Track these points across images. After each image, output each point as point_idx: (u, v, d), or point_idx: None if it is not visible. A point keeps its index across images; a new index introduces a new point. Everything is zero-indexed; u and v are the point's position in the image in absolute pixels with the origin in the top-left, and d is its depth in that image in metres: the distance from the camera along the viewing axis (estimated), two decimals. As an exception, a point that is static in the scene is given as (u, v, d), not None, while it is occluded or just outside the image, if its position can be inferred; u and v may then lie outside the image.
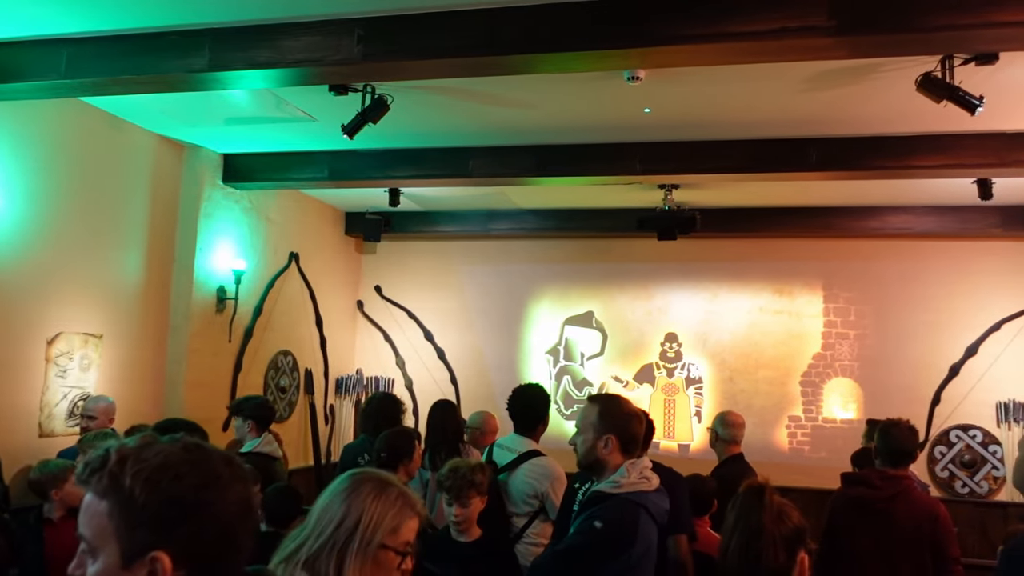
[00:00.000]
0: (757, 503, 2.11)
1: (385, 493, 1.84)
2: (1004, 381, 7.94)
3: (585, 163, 6.40)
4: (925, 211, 7.90)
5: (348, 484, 1.86)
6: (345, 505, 1.81)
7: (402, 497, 1.85)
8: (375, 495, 1.82)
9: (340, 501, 1.82)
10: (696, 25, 3.90)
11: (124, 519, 1.16)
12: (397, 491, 1.86)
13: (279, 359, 8.00)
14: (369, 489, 1.84)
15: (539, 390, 4.45)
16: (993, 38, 3.78)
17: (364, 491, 1.83)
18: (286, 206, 8.09)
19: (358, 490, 1.83)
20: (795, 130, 5.84)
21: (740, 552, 2.07)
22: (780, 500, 2.16)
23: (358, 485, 1.85)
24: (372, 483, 1.86)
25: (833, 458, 7.84)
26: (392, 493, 1.85)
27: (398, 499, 1.84)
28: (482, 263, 9.43)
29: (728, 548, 2.12)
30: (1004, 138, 5.67)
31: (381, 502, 1.82)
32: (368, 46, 4.28)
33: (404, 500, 1.85)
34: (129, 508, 1.16)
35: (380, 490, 1.84)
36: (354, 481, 1.87)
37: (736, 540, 2.10)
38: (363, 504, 1.80)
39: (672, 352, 8.86)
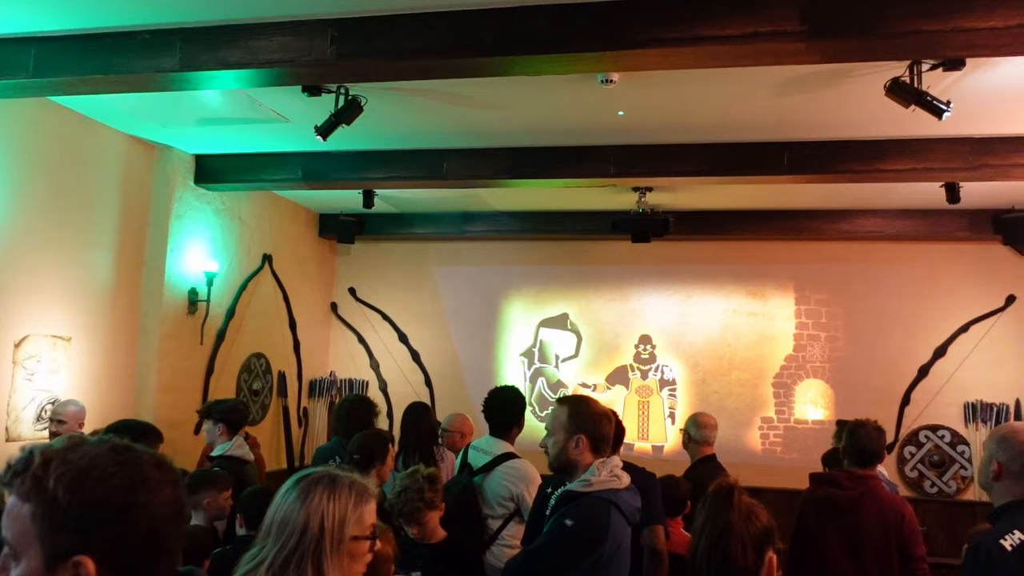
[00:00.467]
0: (726, 503, 2.12)
1: (337, 490, 1.87)
2: (972, 382, 8.06)
3: (560, 165, 6.42)
4: (895, 214, 8.00)
5: (299, 491, 1.87)
6: (304, 512, 1.83)
7: (353, 487, 1.89)
8: (329, 494, 1.85)
9: (297, 509, 1.84)
10: (669, 29, 3.93)
11: (47, 522, 1.13)
12: (347, 483, 1.89)
13: (252, 362, 7.94)
14: (321, 491, 1.86)
15: (514, 392, 4.45)
16: (959, 44, 3.84)
17: (317, 494, 1.85)
18: (259, 207, 8.03)
19: (311, 494, 1.85)
20: (767, 133, 5.89)
21: (709, 552, 2.08)
22: (749, 500, 2.17)
23: (309, 490, 1.86)
24: (322, 484, 1.88)
25: (805, 459, 7.91)
26: (343, 487, 1.88)
27: (351, 490, 1.88)
28: (457, 265, 9.42)
29: (697, 548, 2.13)
30: (971, 143, 5.76)
31: (337, 500, 1.85)
32: (341, 47, 4.27)
33: (357, 489, 1.89)
34: (52, 511, 1.13)
35: (332, 488, 1.87)
36: (303, 487, 1.88)
37: (705, 540, 2.11)
38: (321, 507, 1.83)
39: (646, 354, 8.90)
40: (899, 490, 6.78)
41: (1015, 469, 2.57)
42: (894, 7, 3.75)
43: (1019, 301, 8.06)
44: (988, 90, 4.90)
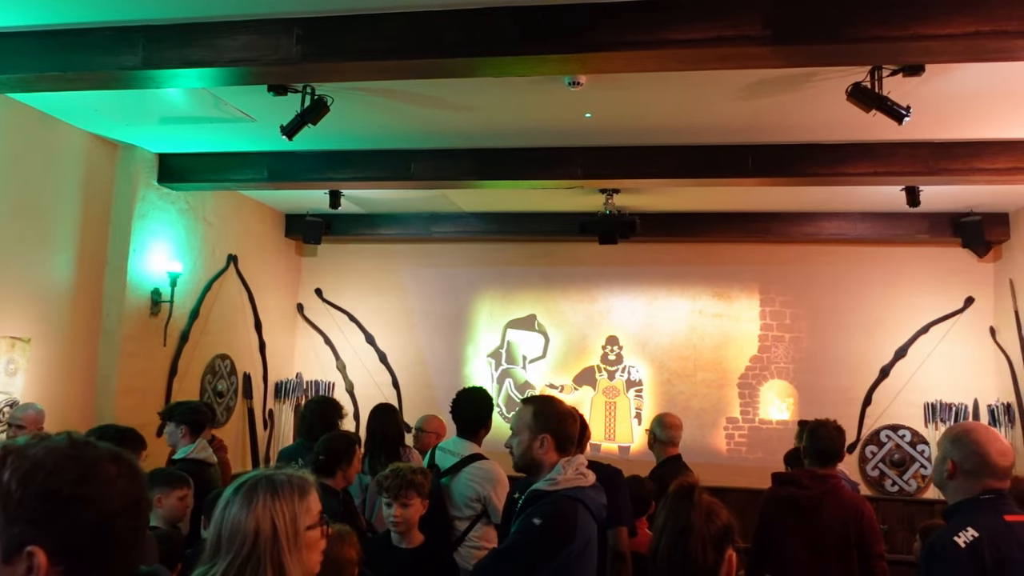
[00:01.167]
0: (687, 502, 2.13)
1: (279, 488, 1.88)
2: (932, 382, 8.21)
3: (527, 167, 6.44)
4: (857, 217, 8.12)
5: (241, 499, 1.88)
6: (252, 518, 1.83)
7: (293, 481, 1.91)
8: (272, 495, 1.86)
9: (244, 517, 1.84)
10: (634, 32, 3.96)
11: (3, 514, 1.16)
12: (286, 479, 1.91)
13: (216, 363, 7.86)
14: (263, 494, 1.87)
15: (482, 393, 4.44)
16: (918, 50, 3.91)
17: (260, 498, 1.86)
18: (224, 207, 7.95)
19: (254, 500, 1.86)
20: (732, 136, 5.95)
21: (669, 550, 2.09)
22: (709, 499, 2.19)
23: (251, 496, 1.87)
24: (261, 487, 1.89)
25: (769, 458, 7.99)
26: (284, 484, 1.89)
27: (291, 487, 1.90)
28: (424, 266, 9.40)
29: (658, 547, 2.14)
30: (931, 147, 5.87)
31: (283, 498, 1.86)
32: (307, 46, 4.24)
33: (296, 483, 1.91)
34: (6, 503, 1.16)
35: (273, 489, 1.88)
36: (244, 494, 1.89)
37: (666, 539, 2.12)
38: (268, 509, 1.84)
39: (613, 355, 8.95)
40: (860, 489, 6.90)
41: (968, 468, 2.62)
42: (855, 14, 3.81)
43: (977, 303, 8.22)
44: (946, 96, 5.00)
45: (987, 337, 8.15)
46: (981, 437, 2.65)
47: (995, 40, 3.70)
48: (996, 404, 7.91)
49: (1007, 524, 2.55)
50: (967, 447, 2.64)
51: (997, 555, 2.47)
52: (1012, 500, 2.69)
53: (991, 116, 5.36)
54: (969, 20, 3.69)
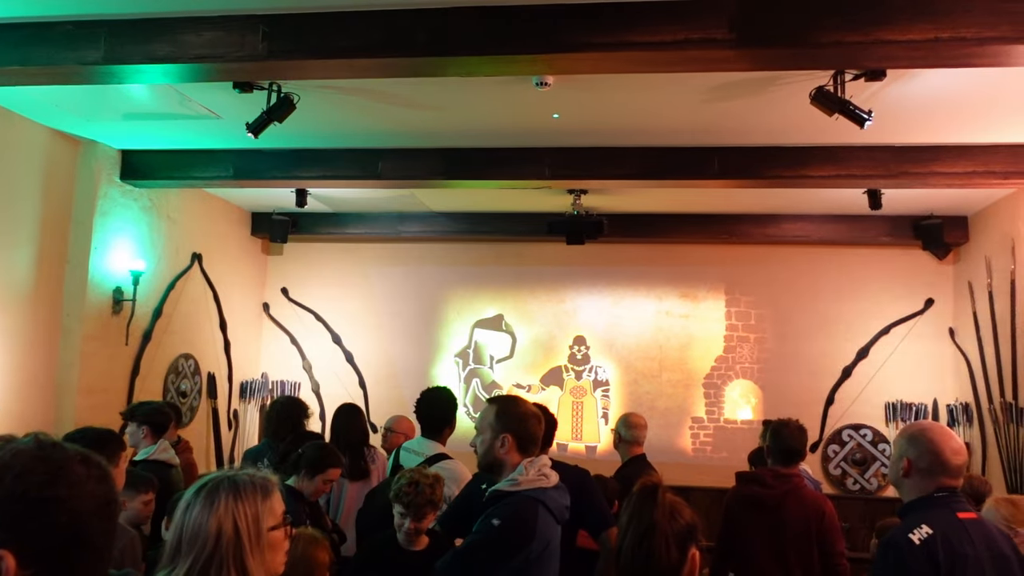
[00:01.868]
0: (650, 501, 2.15)
1: (241, 490, 1.86)
2: (892, 382, 8.34)
3: (495, 167, 6.44)
4: (821, 219, 8.23)
5: (202, 501, 1.85)
6: (213, 519, 1.81)
7: (255, 481, 1.89)
8: (234, 496, 1.84)
9: (205, 519, 1.82)
10: (602, 34, 3.98)
11: None
12: (248, 480, 1.89)
13: (180, 363, 7.76)
14: (225, 495, 1.85)
15: (446, 393, 4.44)
16: (880, 56, 3.97)
17: (222, 499, 1.84)
18: (189, 205, 7.86)
19: (216, 501, 1.84)
20: (698, 139, 6.00)
21: (633, 549, 2.10)
22: (673, 498, 2.21)
23: (212, 497, 1.85)
24: (223, 488, 1.87)
25: (734, 458, 8.08)
26: (245, 486, 1.87)
27: (254, 487, 1.88)
28: (392, 266, 9.37)
29: (622, 545, 2.16)
30: (892, 151, 5.96)
31: (245, 499, 1.84)
32: (273, 43, 4.21)
33: (259, 483, 1.89)
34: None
35: (235, 490, 1.86)
36: (206, 496, 1.86)
37: (630, 537, 2.13)
38: (231, 510, 1.82)
39: (580, 355, 8.98)
40: (823, 487, 6.99)
41: (923, 466, 2.67)
42: (819, 19, 3.86)
43: (937, 304, 8.37)
44: (908, 101, 5.08)
45: (946, 338, 8.30)
46: (936, 436, 2.70)
47: (954, 47, 3.77)
48: (955, 404, 8.06)
49: (960, 521, 2.61)
50: (922, 446, 2.69)
51: (950, 552, 2.52)
52: (965, 498, 2.75)
53: (951, 121, 5.46)
54: (929, 27, 3.75)
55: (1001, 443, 7.18)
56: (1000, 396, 7.21)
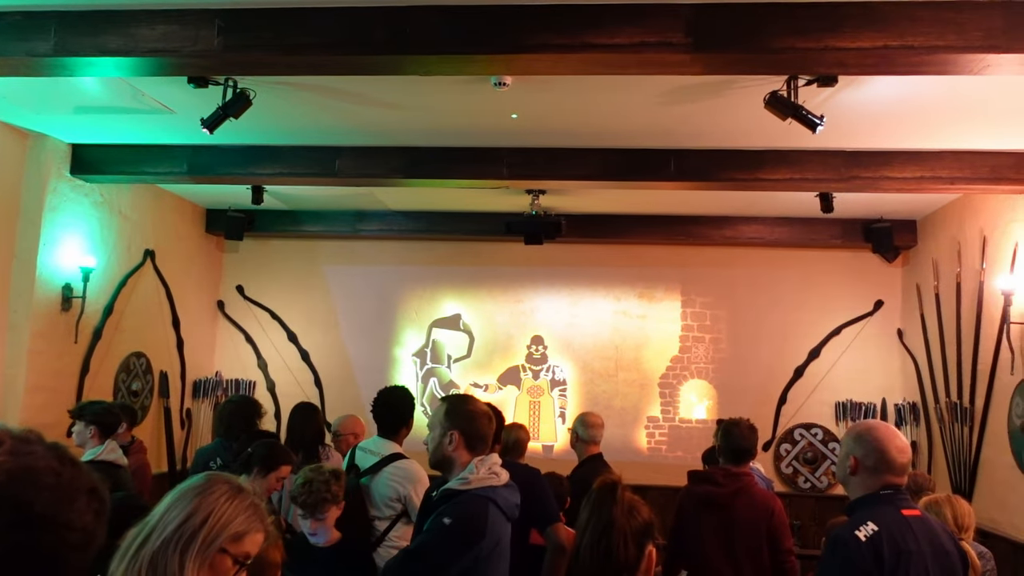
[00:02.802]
0: (609, 499, 2.18)
1: (239, 498, 1.81)
2: (842, 382, 8.51)
3: (454, 166, 6.43)
4: (774, 222, 8.36)
5: (201, 482, 1.83)
6: (195, 502, 1.77)
7: (254, 507, 1.83)
8: (228, 497, 1.79)
9: (190, 498, 1.78)
10: (559, 35, 4.00)
11: None
12: (250, 500, 1.83)
13: (131, 361, 7.63)
14: (223, 491, 1.80)
15: (403, 392, 4.44)
16: (830, 62, 4.05)
17: (216, 491, 1.80)
18: (141, 201, 7.72)
19: (210, 489, 1.80)
20: (655, 141, 6.06)
21: (592, 546, 2.13)
22: (631, 496, 2.24)
23: (211, 485, 1.81)
24: (227, 485, 1.83)
25: (688, 457, 8.18)
26: (245, 500, 1.82)
27: (249, 507, 1.81)
28: (349, 264, 9.31)
29: (581, 542, 2.18)
30: (843, 156, 6.08)
31: (232, 505, 1.78)
32: (229, 38, 4.15)
33: (255, 511, 1.83)
34: None
35: (233, 494, 1.81)
36: (208, 480, 1.83)
37: (589, 534, 2.16)
38: (213, 504, 1.77)
39: (538, 354, 9.02)
40: (774, 486, 7.11)
41: (869, 464, 2.74)
42: (772, 25, 3.93)
43: (886, 306, 8.56)
44: (859, 107, 5.18)
45: (895, 339, 8.49)
46: (881, 435, 2.77)
47: (902, 54, 3.86)
48: (902, 403, 8.26)
49: (904, 518, 2.67)
50: (868, 444, 2.75)
51: (895, 548, 2.59)
52: (909, 495, 2.82)
53: (900, 127, 5.58)
54: (878, 35, 3.84)
55: (946, 442, 7.37)
56: (946, 396, 7.40)
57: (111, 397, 7.21)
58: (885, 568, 2.56)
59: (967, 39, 3.78)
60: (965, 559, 2.80)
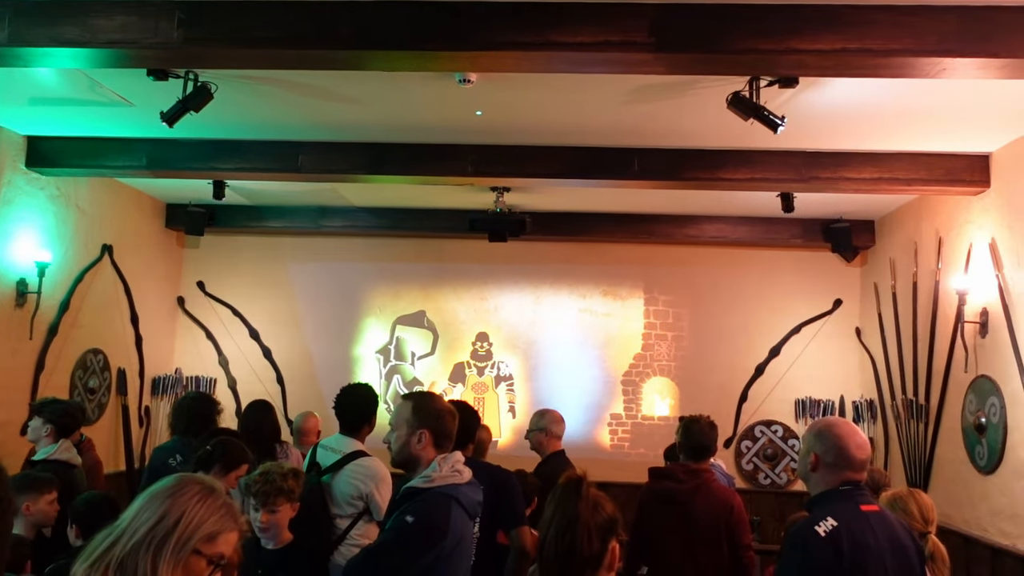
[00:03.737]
0: (575, 494, 2.19)
1: (211, 498, 1.80)
2: (802, 380, 8.63)
3: (418, 163, 6.41)
4: (736, 221, 8.44)
5: (172, 484, 1.81)
6: (167, 504, 1.75)
7: (227, 507, 1.82)
8: (200, 498, 1.78)
9: (162, 500, 1.76)
10: (523, 32, 4.00)
11: None
12: (223, 500, 1.83)
13: (88, 358, 7.49)
14: (195, 491, 1.79)
15: (366, 390, 4.41)
16: (791, 63, 4.11)
17: (189, 492, 1.78)
18: (99, 195, 7.58)
19: (182, 491, 1.78)
20: (619, 139, 6.09)
21: (557, 540, 2.14)
22: (596, 492, 2.26)
23: (183, 486, 1.80)
24: (199, 486, 1.81)
25: (651, 454, 8.23)
26: (218, 500, 1.81)
27: (222, 507, 1.81)
28: (312, 260, 9.23)
29: (546, 537, 2.19)
30: (803, 156, 6.16)
31: (205, 506, 1.77)
32: (189, 30, 4.10)
33: (228, 510, 1.82)
34: None
35: (206, 495, 1.80)
36: (180, 482, 1.82)
37: (554, 529, 2.17)
38: (185, 504, 1.76)
39: (483, 351, 9.03)
40: (736, 482, 7.19)
41: (829, 461, 2.78)
42: (734, 25, 3.97)
43: (845, 305, 8.69)
44: (819, 108, 5.26)
45: (853, 337, 8.63)
46: (841, 431, 2.81)
47: (860, 57, 3.92)
48: (860, 400, 8.39)
49: (863, 513, 2.72)
50: (828, 441, 2.80)
51: (853, 543, 2.63)
52: (868, 490, 2.87)
53: (859, 129, 5.68)
54: (838, 37, 3.90)
55: (902, 438, 7.51)
56: (902, 393, 7.54)
57: (67, 394, 7.07)
58: (844, 563, 2.60)
59: (923, 43, 3.86)
60: (922, 554, 2.85)
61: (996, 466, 5.84)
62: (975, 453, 6.15)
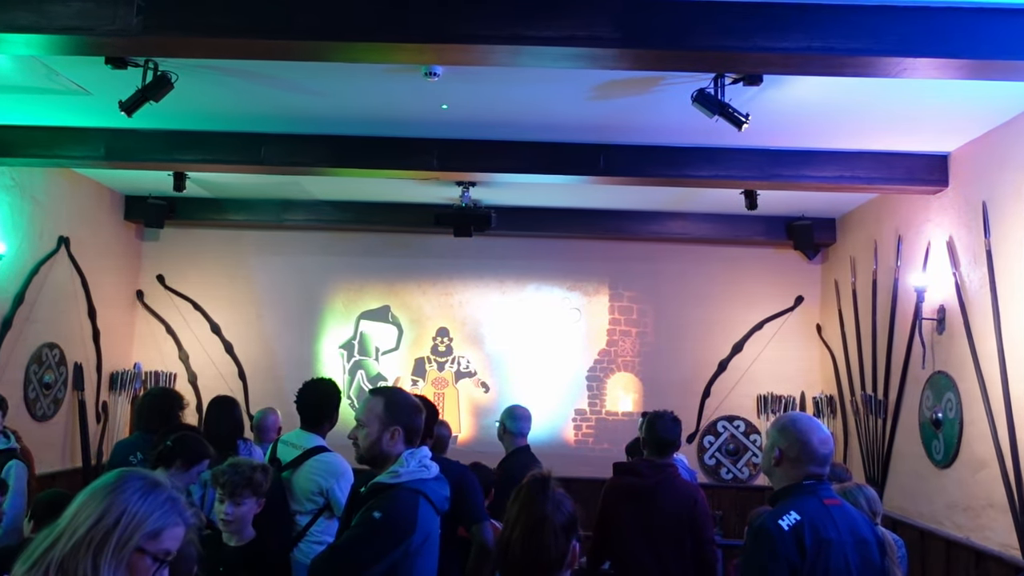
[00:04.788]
0: (542, 494, 2.17)
1: (153, 493, 1.73)
2: (764, 376, 8.72)
3: (383, 156, 6.35)
4: (700, 218, 8.50)
5: (112, 480, 1.74)
6: (107, 501, 1.69)
7: (171, 501, 1.76)
8: (141, 494, 1.72)
9: (102, 497, 1.70)
10: (489, 26, 3.98)
11: None
12: (167, 494, 1.76)
13: (44, 352, 7.33)
14: (136, 487, 1.73)
15: (328, 385, 4.36)
16: (755, 61, 4.13)
17: (129, 489, 1.72)
18: (56, 186, 7.42)
19: (123, 487, 1.72)
20: (586, 135, 6.09)
21: (523, 541, 2.12)
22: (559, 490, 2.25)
23: (124, 482, 1.73)
24: (140, 481, 1.75)
25: (615, 449, 8.23)
26: (161, 495, 1.75)
27: (166, 502, 1.74)
28: (275, 254, 9.13)
29: (511, 537, 2.16)
30: (767, 154, 6.22)
31: (147, 502, 1.71)
32: (148, 18, 4.00)
33: (172, 505, 1.76)
34: None
35: (148, 490, 1.73)
36: (120, 477, 1.75)
37: (520, 530, 2.14)
38: (126, 502, 1.69)
39: (443, 347, 9.01)
40: (698, 477, 7.24)
41: (792, 455, 2.80)
42: (700, 22, 3.98)
43: (806, 302, 8.80)
44: (782, 107, 5.31)
45: (814, 334, 8.74)
46: (804, 426, 2.84)
47: (823, 56, 3.96)
48: (820, 396, 8.51)
49: (826, 507, 2.74)
50: (792, 436, 2.82)
51: (816, 537, 2.65)
52: (830, 485, 2.90)
53: (821, 128, 5.74)
54: (801, 36, 3.93)
55: (861, 433, 7.62)
56: (861, 389, 7.65)
57: (22, 390, 6.93)
58: (807, 556, 2.62)
59: (884, 42, 3.91)
60: (883, 547, 2.88)
61: (952, 460, 5.95)
62: (932, 448, 6.26)
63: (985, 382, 5.51)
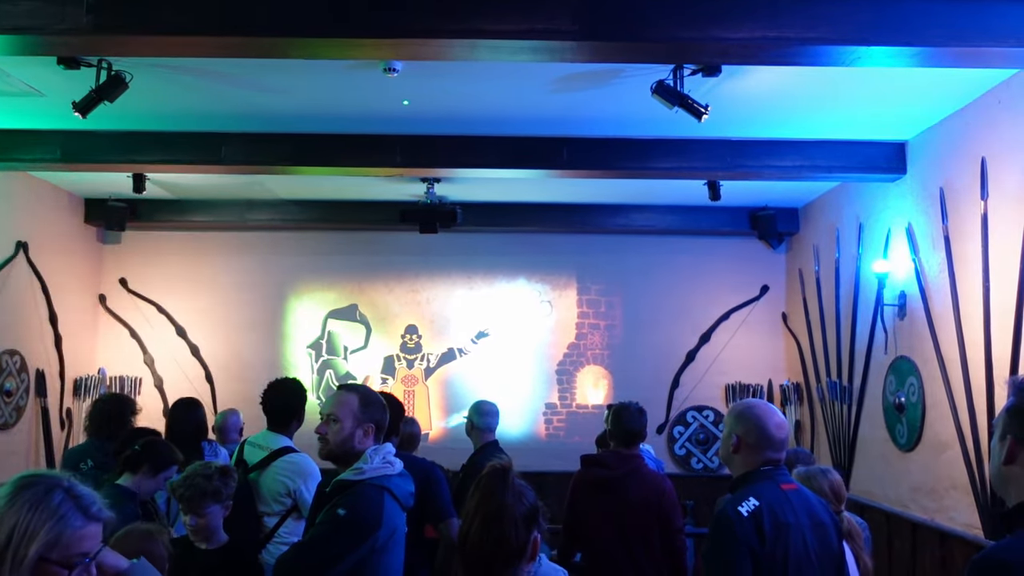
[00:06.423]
0: (501, 484, 2.16)
1: (45, 500, 1.64)
2: (732, 365, 8.80)
3: (345, 153, 6.31)
4: (665, 210, 8.54)
5: (5, 492, 1.65)
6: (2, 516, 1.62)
7: (69, 503, 1.66)
8: (32, 504, 1.63)
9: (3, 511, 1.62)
10: (447, 20, 3.95)
11: None
12: (62, 496, 1.66)
13: (4, 360, 7.20)
14: (27, 497, 1.64)
15: (294, 384, 4.33)
16: (712, 51, 4.15)
17: (19, 501, 1.63)
18: (12, 189, 7.29)
19: (15, 499, 1.64)
20: (548, 128, 6.09)
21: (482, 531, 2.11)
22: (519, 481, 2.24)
23: (16, 494, 1.65)
24: (32, 489, 1.65)
25: (586, 442, 8.22)
26: (54, 499, 1.65)
27: (60, 505, 1.65)
28: (239, 255, 9.04)
29: (470, 530, 2.15)
30: (728, 144, 6.26)
31: (38, 511, 1.62)
32: (99, 16, 3.92)
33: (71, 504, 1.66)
34: None
35: (39, 499, 1.64)
36: (14, 488, 1.66)
37: (479, 520, 2.13)
38: (16, 514, 1.61)
39: (412, 343, 8.99)
40: (666, 467, 7.29)
41: (751, 442, 2.82)
42: (658, 13, 3.98)
43: (771, 291, 8.88)
44: (742, 97, 5.34)
45: (780, 323, 8.83)
46: (760, 412, 2.86)
47: (779, 45, 3.98)
48: (787, 384, 8.60)
49: (783, 492, 2.77)
50: (749, 422, 2.84)
51: (774, 521, 2.68)
52: (787, 470, 2.93)
53: (781, 117, 5.79)
54: (756, 25, 3.94)
55: (828, 419, 7.71)
56: (827, 376, 7.74)
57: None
58: (766, 541, 2.64)
59: (839, 31, 3.94)
60: (839, 529, 2.92)
61: (915, 443, 6.04)
62: (896, 432, 6.35)
63: (946, 365, 5.60)
